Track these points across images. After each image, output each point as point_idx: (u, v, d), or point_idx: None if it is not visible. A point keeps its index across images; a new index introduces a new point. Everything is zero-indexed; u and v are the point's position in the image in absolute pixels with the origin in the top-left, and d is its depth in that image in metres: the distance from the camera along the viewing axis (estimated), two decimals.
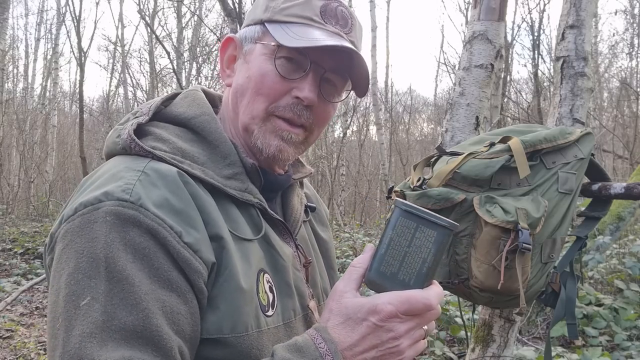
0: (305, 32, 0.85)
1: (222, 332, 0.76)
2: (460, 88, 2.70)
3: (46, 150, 15.12)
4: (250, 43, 0.90)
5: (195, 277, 0.74)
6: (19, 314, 5.17)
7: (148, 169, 0.78)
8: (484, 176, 1.55)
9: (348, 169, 15.71)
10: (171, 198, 0.76)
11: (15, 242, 8.52)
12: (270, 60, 0.86)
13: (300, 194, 1.03)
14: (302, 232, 1.00)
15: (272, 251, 0.88)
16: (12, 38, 19.03)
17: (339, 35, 0.87)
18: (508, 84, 10.44)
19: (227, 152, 0.87)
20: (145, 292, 0.69)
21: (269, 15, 0.87)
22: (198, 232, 0.76)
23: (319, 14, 0.86)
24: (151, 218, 0.72)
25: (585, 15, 2.38)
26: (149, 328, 0.68)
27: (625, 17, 15.81)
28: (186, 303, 0.73)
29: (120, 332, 0.67)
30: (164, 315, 0.70)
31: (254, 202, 0.87)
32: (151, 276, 0.71)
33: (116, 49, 17.80)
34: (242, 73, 0.90)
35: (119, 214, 0.71)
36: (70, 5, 11.09)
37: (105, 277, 0.69)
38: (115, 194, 0.73)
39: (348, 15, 0.89)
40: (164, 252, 0.72)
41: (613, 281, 4.88)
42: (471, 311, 2.46)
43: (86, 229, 0.71)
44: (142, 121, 0.86)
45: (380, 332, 0.71)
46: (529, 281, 1.53)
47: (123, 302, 0.68)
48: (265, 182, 0.91)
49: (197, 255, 0.74)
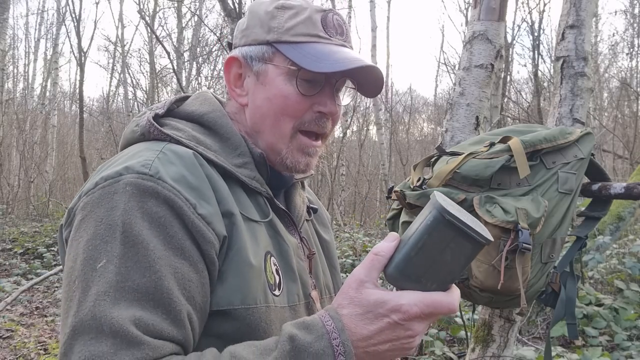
0: (319, 50, 0.89)
1: (233, 304, 0.79)
2: (460, 88, 2.70)
3: (46, 150, 15.12)
4: (259, 63, 0.93)
5: (207, 247, 0.77)
6: (19, 314, 5.17)
7: (166, 150, 0.83)
8: (484, 176, 1.55)
9: (348, 169, 15.71)
10: (187, 175, 0.80)
11: (15, 242, 8.52)
12: (291, 82, 0.90)
13: (302, 194, 1.07)
14: (305, 227, 1.04)
15: (278, 237, 0.91)
16: (12, 38, 19.04)
17: (344, 47, 0.93)
18: (508, 84, 10.43)
19: (237, 144, 0.92)
20: (159, 257, 0.73)
21: (276, 36, 0.91)
22: (211, 206, 0.80)
23: (322, 29, 0.91)
24: (168, 189, 0.76)
25: (585, 15, 2.38)
26: (160, 290, 0.71)
27: (625, 17, 15.82)
28: (197, 272, 0.76)
29: (133, 293, 0.70)
30: (176, 280, 0.73)
31: (261, 191, 0.92)
32: (165, 243, 0.74)
33: (116, 49, 17.80)
34: (259, 94, 0.93)
35: (138, 185, 0.76)
36: (70, 5, 11.09)
37: (121, 241, 0.72)
38: (135, 168, 0.78)
39: (342, 22, 0.95)
40: (179, 222, 0.76)
41: (613, 281, 4.88)
42: (471, 311, 2.46)
43: (106, 198, 0.76)
44: (159, 112, 0.92)
45: (399, 329, 0.72)
46: (529, 281, 1.53)
47: (137, 264, 0.72)
48: (272, 178, 0.96)
49: (210, 227, 0.78)
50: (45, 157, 14.89)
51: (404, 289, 0.73)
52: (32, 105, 17.68)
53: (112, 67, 18.86)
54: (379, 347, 0.73)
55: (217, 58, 15.78)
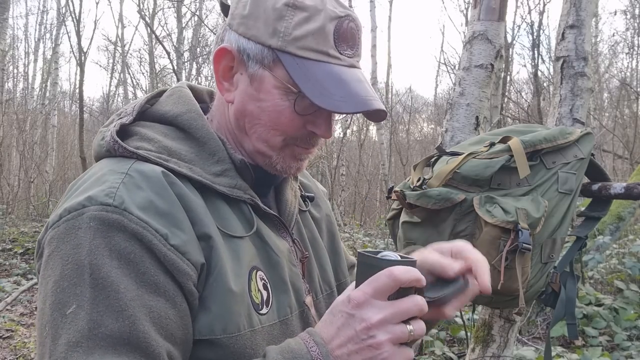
0: (326, 76, 0.81)
1: (214, 333, 0.75)
2: (460, 88, 2.70)
3: (46, 150, 15.12)
4: (256, 65, 0.84)
5: (184, 279, 0.73)
6: (19, 314, 5.17)
7: (132, 171, 0.77)
8: (484, 176, 1.55)
9: (348, 169, 15.71)
10: (156, 200, 0.75)
11: (15, 242, 8.52)
12: (288, 98, 0.83)
13: (294, 187, 1.02)
14: (298, 226, 0.99)
15: (266, 247, 0.86)
16: (12, 38, 19.05)
17: (354, 67, 0.85)
18: (508, 84, 10.43)
19: (215, 148, 0.86)
20: (131, 298, 0.69)
21: (280, 43, 0.81)
22: (185, 233, 0.75)
23: (334, 45, 0.82)
24: (135, 222, 0.71)
25: (585, 15, 2.38)
26: (135, 334, 0.68)
27: (625, 17, 15.82)
28: (175, 307, 0.73)
29: (107, 340, 0.67)
30: (152, 320, 0.70)
31: (244, 198, 0.86)
32: (138, 281, 0.70)
33: (116, 49, 17.81)
34: (250, 99, 0.85)
35: (103, 219, 0.71)
36: (70, 5, 11.10)
37: (90, 284, 0.68)
38: (99, 198, 0.72)
39: (356, 30, 0.85)
40: (150, 256, 0.72)
41: (613, 281, 4.88)
42: (471, 311, 2.46)
43: (71, 235, 0.71)
44: (125, 122, 0.85)
45: (353, 321, 0.68)
46: (529, 281, 1.53)
47: (109, 309, 0.68)
48: (257, 177, 0.90)
49: (185, 258, 0.74)
50: (45, 157, 14.89)
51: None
52: (32, 105, 17.67)
53: (112, 67, 18.88)
54: (344, 350, 0.69)
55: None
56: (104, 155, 0.84)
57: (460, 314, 1.92)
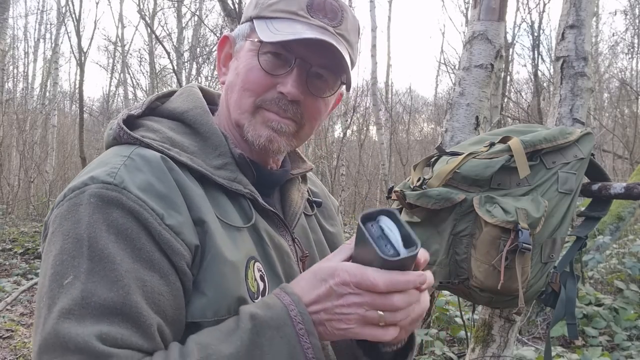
0: (288, 26, 0.85)
1: (206, 316, 0.77)
2: (460, 88, 2.70)
3: (46, 150, 15.12)
4: (241, 40, 0.92)
5: (177, 258, 0.75)
6: (19, 314, 5.17)
7: (134, 155, 0.80)
8: (484, 176, 1.55)
9: (348, 169, 15.71)
10: (155, 182, 0.77)
11: (15, 242, 8.52)
12: (255, 56, 0.87)
13: (301, 188, 1.03)
14: (301, 226, 1.00)
15: (263, 242, 0.88)
16: (12, 38, 19.04)
17: (323, 29, 0.86)
18: (508, 84, 10.43)
19: (217, 143, 0.88)
20: (126, 270, 0.71)
21: (257, 11, 0.89)
22: (181, 215, 0.77)
23: (304, 8, 0.87)
24: (133, 200, 0.74)
25: (585, 15, 2.38)
26: (128, 304, 0.70)
27: (625, 17, 15.82)
28: (168, 285, 0.74)
29: (100, 309, 0.69)
30: (144, 294, 0.72)
31: (244, 192, 0.87)
32: (134, 256, 0.72)
33: (116, 49, 17.81)
34: (233, 70, 0.92)
35: (102, 196, 0.74)
36: (70, 5, 11.10)
37: (87, 256, 0.71)
38: (100, 177, 0.76)
39: (338, 8, 0.89)
40: (146, 234, 0.74)
41: (613, 281, 4.88)
42: (471, 311, 2.46)
43: (72, 211, 0.74)
44: (134, 113, 0.89)
45: (334, 296, 0.72)
46: (529, 281, 1.53)
47: (103, 279, 0.70)
48: (260, 176, 0.92)
49: (179, 238, 0.76)
50: (45, 157, 14.89)
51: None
52: (32, 105, 17.67)
53: (112, 67, 18.88)
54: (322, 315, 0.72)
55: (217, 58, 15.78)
56: (111, 143, 0.87)
57: (460, 314, 1.93)
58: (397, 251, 0.70)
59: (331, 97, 0.93)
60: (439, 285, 1.63)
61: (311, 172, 1.09)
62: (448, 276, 1.60)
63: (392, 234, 0.71)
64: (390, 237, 0.71)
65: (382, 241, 0.71)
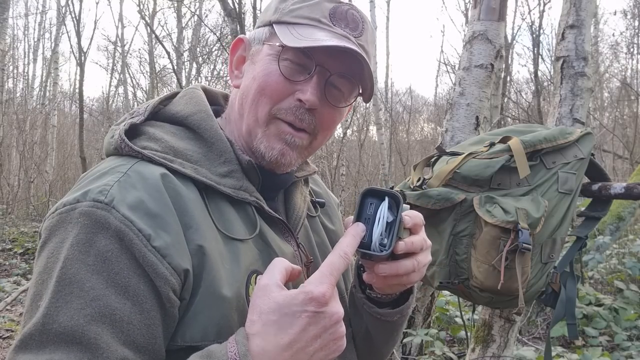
0: (311, 33, 0.83)
1: (208, 338, 0.74)
2: (460, 88, 2.70)
3: (46, 150, 15.11)
4: (258, 44, 0.89)
5: (161, 283, 0.72)
6: (19, 314, 5.17)
7: (131, 171, 0.78)
8: (484, 176, 1.55)
9: (348, 169, 15.71)
10: (147, 200, 0.74)
11: (15, 242, 8.52)
12: (275, 61, 0.85)
13: (304, 192, 1.01)
14: (305, 231, 0.99)
15: (269, 250, 0.86)
16: (12, 38, 19.04)
17: (346, 38, 0.85)
18: (508, 84, 10.43)
19: (222, 149, 0.86)
20: (94, 297, 0.68)
21: (278, 16, 0.87)
22: (170, 236, 0.74)
23: (327, 16, 0.85)
24: (120, 220, 0.71)
25: (585, 15, 2.38)
26: (87, 335, 0.67)
27: (624, 17, 15.82)
28: (142, 313, 0.71)
29: (60, 336, 0.67)
30: (111, 322, 0.69)
31: (250, 200, 0.85)
32: (108, 280, 0.70)
33: (116, 49, 17.81)
34: (249, 74, 0.89)
35: (91, 215, 0.72)
36: (70, 5, 11.10)
37: (57, 278, 0.69)
38: (92, 194, 0.74)
39: (359, 19, 0.87)
40: (128, 256, 0.71)
41: (613, 281, 4.88)
42: (471, 311, 2.46)
43: (60, 228, 0.73)
44: (136, 121, 0.86)
45: (322, 319, 0.68)
46: (529, 281, 1.53)
47: (67, 305, 0.68)
48: (265, 180, 0.90)
49: (165, 261, 0.72)
50: (45, 157, 14.88)
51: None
52: (32, 105, 17.66)
53: (112, 67, 18.87)
54: (309, 349, 0.68)
55: (217, 58, 15.78)
56: (112, 153, 0.85)
57: (460, 314, 1.92)
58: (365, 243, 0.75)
59: (345, 108, 0.91)
60: (439, 285, 1.63)
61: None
62: (448, 276, 1.60)
63: (378, 222, 0.75)
64: (374, 224, 0.75)
65: (367, 225, 0.76)
